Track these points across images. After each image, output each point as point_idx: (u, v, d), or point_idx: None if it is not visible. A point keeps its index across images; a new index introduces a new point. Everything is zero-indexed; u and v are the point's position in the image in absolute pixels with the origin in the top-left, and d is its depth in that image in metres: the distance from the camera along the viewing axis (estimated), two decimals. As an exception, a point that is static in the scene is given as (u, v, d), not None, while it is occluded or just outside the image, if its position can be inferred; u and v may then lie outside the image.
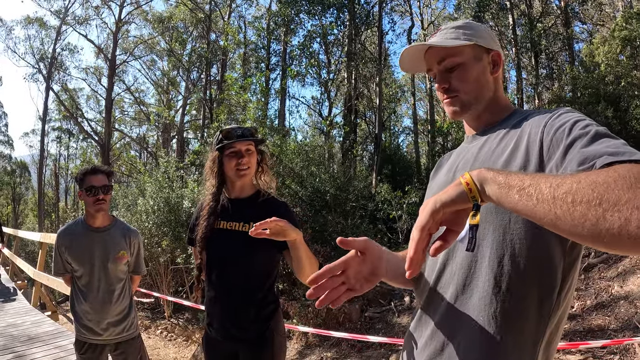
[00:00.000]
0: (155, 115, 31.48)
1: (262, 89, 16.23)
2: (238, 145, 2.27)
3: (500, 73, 1.34)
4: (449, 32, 1.34)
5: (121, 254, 3.06)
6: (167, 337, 9.25)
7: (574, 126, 1.00)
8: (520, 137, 1.12)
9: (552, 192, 0.77)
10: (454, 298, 1.15)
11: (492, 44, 1.33)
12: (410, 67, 1.48)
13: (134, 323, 3.20)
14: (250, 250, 2.21)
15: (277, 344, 2.29)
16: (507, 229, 1.07)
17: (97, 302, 3.00)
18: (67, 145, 44.62)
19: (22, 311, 7.53)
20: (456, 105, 1.32)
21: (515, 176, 0.86)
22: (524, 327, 1.05)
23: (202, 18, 26.16)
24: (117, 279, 3.07)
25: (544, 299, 1.05)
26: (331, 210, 9.77)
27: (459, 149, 1.42)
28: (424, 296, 1.26)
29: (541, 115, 1.12)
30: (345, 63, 20.07)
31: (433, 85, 1.39)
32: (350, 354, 6.86)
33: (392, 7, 23.00)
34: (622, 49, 13.60)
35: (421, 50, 1.39)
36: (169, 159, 13.41)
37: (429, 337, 1.19)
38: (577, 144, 0.95)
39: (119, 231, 3.13)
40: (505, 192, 0.85)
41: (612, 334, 5.43)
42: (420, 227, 0.93)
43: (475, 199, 0.91)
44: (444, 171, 1.40)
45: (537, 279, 1.05)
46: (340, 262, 1.21)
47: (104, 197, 2.94)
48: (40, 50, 31.28)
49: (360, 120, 24.82)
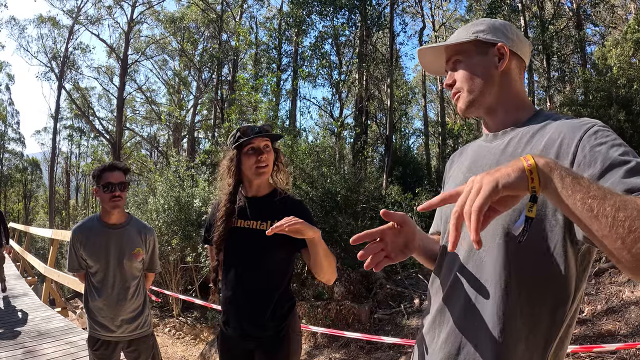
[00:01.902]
0: (166, 115, 31.63)
1: (273, 90, 16.26)
2: (257, 141, 2.25)
3: (512, 66, 1.30)
4: (460, 31, 1.35)
5: (136, 250, 3.06)
6: (176, 335, 9.29)
7: (612, 149, 0.98)
8: (549, 144, 1.09)
9: (613, 212, 0.79)
10: (471, 300, 1.15)
11: (500, 36, 1.29)
12: (432, 70, 1.49)
13: (148, 321, 3.20)
14: (268, 249, 2.20)
15: (293, 343, 2.28)
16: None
17: (112, 299, 2.99)
18: (78, 143, 45.00)
19: (32, 307, 7.58)
20: (461, 102, 1.33)
21: (582, 180, 0.84)
22: (537, 331, 1.06)
23: (214, 18, 26.22)
24: (132, 276, 3.06)
25: (558, 306, 1.06)
26: (342, 212, 9.76)
27: (476, 147, 1.39)
28: (441, 295, 1.26)
29: (573, 125, 1.09)
30: (357, 64, 20.03)
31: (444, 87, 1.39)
32: (358, 356, 6.85)
33: (404, 8, 22.93)
34: (634, 51, 13.49)
35: (438, 53, 1.40)
36: (179, 158, 13.48)
37: (444, 339, 1.19)
38: (618, 171, 0.94)
39: (135, 228, 3.13)
40: (568, 193, 0.84)
41: (622, 339, 5.39)
42: (479, 207, 0.85)
43: (534, 189, 0.86)
44: (462, 169, 1.37)
45: (553, 286, 1.05)
46: (378, 230, 1.32)
47: (120, 193, 2.93)
48: (52, 49, 31.50)
49: (371, 121, 24.77)
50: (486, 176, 0.88)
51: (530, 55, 1.39)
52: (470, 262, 1.18)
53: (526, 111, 1.29)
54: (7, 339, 5.69)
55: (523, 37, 1.34)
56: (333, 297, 8.09)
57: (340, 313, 7.63)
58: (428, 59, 1.44)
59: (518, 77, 1.32)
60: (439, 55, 1.40)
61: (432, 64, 1.45)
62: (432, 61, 1.44)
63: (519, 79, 1.33)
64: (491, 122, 1.34)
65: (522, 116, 1.28)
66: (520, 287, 1.07)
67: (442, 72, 1.44)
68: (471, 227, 0.85)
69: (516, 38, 1.31)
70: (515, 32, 1.32)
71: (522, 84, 1.34)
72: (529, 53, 1.38)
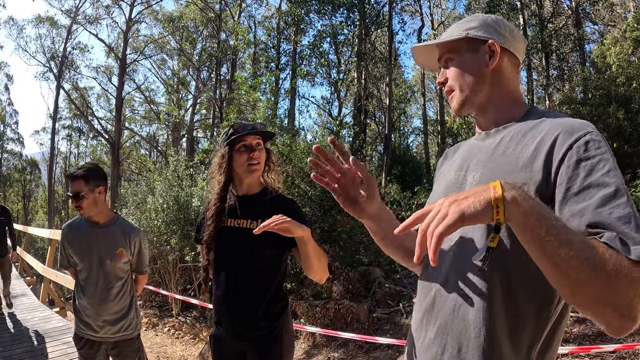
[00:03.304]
0: (165, 114, 31.60)
1: (271, 89, 16.23)
2: (249, 139, 2.23)
3: (504, 64, 1.28)
4: (452, 29, 1.34)
5: (119, 251, 2.99)
6: (175, 334, 9.27)
7: (597, 166, 0.99)
8: (541, 145, 1.08)
9: (566, 259, 0.85)
10: (457, 299, 1.15)
11: (492, 33, 1.27)
12: (428, 66, 1.48)
13: (133, 324, 3.11)
14: (259, 248, 2.17)
15: (286, 343, 2.26)
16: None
17: (95, 299, 2.95)
18: (77, 143, 44.99)
19: (31, 307, 7.58)
20: (454, 102, 1.32)
21: (546, 220, 0.87)
22: (522, 331, 1.06)
23: (212, 18, 26.26)
24: (115, 277, 3.00)
25: (544, 306, 1.07)
26: (340, 210, 9.74)
27: (469, 145, 1.38)
28: (429, 293, 1.25)
29: (567, 129, 1.06)
30: (355, 63, 20.06)
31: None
32: (357, 355, 6.84)
33: (402, 7, 22.96)
34: (633, 50, 13.51)
35: (431, 50, 1.39)
36: (178, 158, 13.47)
37: (432, 339, 1.19)
38: (594, 196, 0.96)
39: (119, 229, 3.06)
40: (529, 230, 0.88)
41: (621, 339, 5.38)
42: (440, 234, 0.88)
43: (499, 221, 0.88)
44: (454, 167, 1.35)
45: (538, 286, 1.04)
46: (333, 160, 1.43)
47: (79, 204, 2.87)
48: (51, 49, 31.45)
49: (370, 120, 24.80)
50: (454, 204, 0.90)
51: (524, 52, 1.37)
52: (457, 261, 1.17)
53: (519, 109, 1.28)
54: (5, 339, 5.69)
55: (517, 34, 1.32)
56: (332, 296, 8.08)
57: (338, 312, 7.62)
58: (422, 56, 1.43)
59: (511, 75, 1.30)
60: (433, 52, 1.39)
61: (427, 61, 1.45)
62: (426, 58, 1.43)
63: (513, 77, 1.31)
64: (483, 120, 1.33)
65: (515, 114, 1.26)
66: (505, 287, 1.07)
67: (437, 68, 1.43)
68: (431, 249, 0.89)
69: (509, 34, 1.29)
70: (508, 28, 1.30)
71: (515, 81, 1.32)
72: (523, 50, 1.35)
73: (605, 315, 0.88)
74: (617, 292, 0.84)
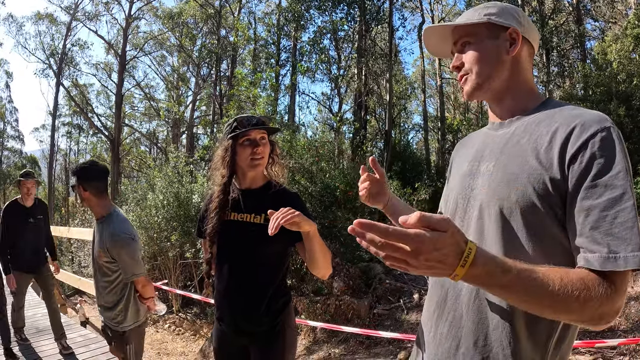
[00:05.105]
0: (165, 111, 31.58)
1: (272, 85, 16.21)
2: (253, 133, 2.19)
3: (523, 53, 1.27)
4: (469, 13, 1.31)
5: (98, 251, 2.97)
6: (175, 331, 9.26)
7: (608, 167, 0.98)
8: (554, 137, 1.07)
9: (561, 290, 0.91)
10: (472, 294, 1.14)
11: (512, 21, 1.25)
12: (436, 51, 1.46)
13: (119, 319, 3.04)
14: (262, 242, 2.13)
15: (288, 338, 2.25)
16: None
17: (95, 283, 3.17)
18: (77, 140, 44.94)
19: (31, 304, 7.56)
20: (467, 85, 1.30)
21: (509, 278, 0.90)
22: (538, 325, 1.06)
23: (212, 14, 26.21)
24: (102, 273, 3.00)
25: None
26: (341, 207, 9.73)
27: (482, 135, 1.37)
28: (443, 287, 1.24)
29: (585, 121, 1.05)
30: (356, 59, 20.05)
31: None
32: (358, 351, 6.83)
33: (403, 3, 22.98)
34: (634, 46, 13.46)
35: (445, 35, 1.36)
36: (178, 154, 13.43)
37: (445, 334, 1.19)
38: (602, 196, 0.97)
39: (107, 231, 2.91)
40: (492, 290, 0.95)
41: (622, 334, 5.39)
42: (408, 269, 0.86)
43: (457, 276, 0.87)
44: (468, 158, 1.34)
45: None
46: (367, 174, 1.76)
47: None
48: (50, 46, 31.43)
49: (370, 116, 24.80)
50: (429, 260, 0.84)
51: (539, 43, 1.36)
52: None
53: (534, 99, 1.26)
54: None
55: (533, 25, 1.31)
56: (332, 292, 8.07)
57: (339, 308, 7.61)
58: (434, 40, 1.40)
59: (528, 65, 1.30)
60: (446, 36, 1.36)
61: (437, 46, 1.42)
62: (437, 42, 1.41)
63: (529, 67, 1.30)
64: (498, 109, 1.32)
65: (530, 104, 1.25)
66: None
67: (446, 54, 1.41)
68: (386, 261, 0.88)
69: (527, 24, 1.28)
70: (526, 17, 1.29)
71: (531, 71, 1.32)
72: (538, 40, 1.34)
73: (583, 324, 0.97)
74: (590, 315, 0.93)
